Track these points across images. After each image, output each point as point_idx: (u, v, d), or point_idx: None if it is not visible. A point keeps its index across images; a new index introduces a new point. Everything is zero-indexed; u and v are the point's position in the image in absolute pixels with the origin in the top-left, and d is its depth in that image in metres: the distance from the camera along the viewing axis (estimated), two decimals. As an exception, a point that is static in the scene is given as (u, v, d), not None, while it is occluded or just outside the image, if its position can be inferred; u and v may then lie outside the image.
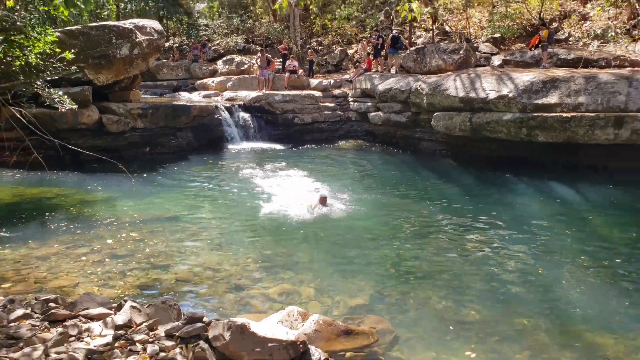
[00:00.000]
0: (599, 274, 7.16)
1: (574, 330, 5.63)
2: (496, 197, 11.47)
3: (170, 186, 11.82)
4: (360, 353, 5.07)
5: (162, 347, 3.82)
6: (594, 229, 9.33)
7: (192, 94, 21.91)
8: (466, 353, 5.18)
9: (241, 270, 7.04)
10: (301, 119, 18.93)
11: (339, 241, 8.19)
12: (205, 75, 24.71)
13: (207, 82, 23.48)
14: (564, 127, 12.04)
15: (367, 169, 14.83)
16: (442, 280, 6.75)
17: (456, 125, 14.35)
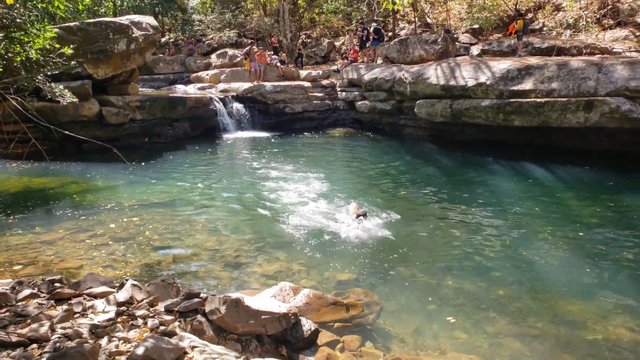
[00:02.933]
0: (569, 247, 7.28)
1: (546, 299, 5.74)
2: (475, 178, 11.56)
3: (168, 174, 11.79)
4: (348, 323, 5.15)
5: (162, 321, 3.86)
6: (566, 206, 9.45)
7: (188, 87, 21.76)
8: (447, 318, 5.29)
9: (237, 250, 7.08)
10: (292, 108, 18.88)
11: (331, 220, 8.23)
12: (199, 69, 24.51)
13: (201, 75, 23.29)
14: (538, 111, 12.12)
15: (355, 154, 14.86)
16: (424, 255, 6.83)
17: (437, 112, 14.39)
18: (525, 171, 11.97)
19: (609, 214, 8.82)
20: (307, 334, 4.51)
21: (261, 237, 7.60)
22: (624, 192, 9.94)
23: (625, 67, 11.23)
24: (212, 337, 3.92)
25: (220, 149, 15.45)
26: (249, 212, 8.84)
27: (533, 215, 8.77)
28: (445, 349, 4.79)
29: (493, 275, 6.33)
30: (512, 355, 4.68)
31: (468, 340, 4.94)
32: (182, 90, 20.71)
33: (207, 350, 3.38)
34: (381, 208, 9.01)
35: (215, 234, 7.72)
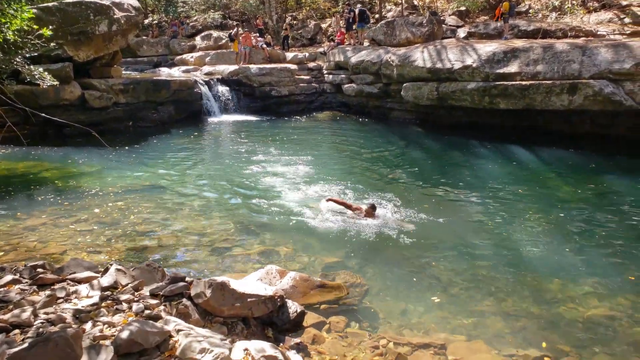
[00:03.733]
0: (552, 228, 7.39)
1: (528, 279, 5.84)
2: (461, 161, 11.64)
3: (153, 158, 11.66)
4: (334, 305, 5.20)
5: (147, 305, 3.85)
6: (549, 188, 9.58)
7: (172, 69, 21.42)
8: (432, 298, 5.36)
9: (223, 234, 7.06)
10: (278, 91, 18.73)
11: (315, 204, 8.24)
12: (184, 51, 24.13)
13: (186, 57, 22.94)
14: (523, 94, 12.18)
15: (342, 138, 14.83)
16: (410, 237, 6.88)
17: (424, 95, 14.39)
18: (510, 154, 12.08)
19: (590, 195, 8.96)
20: (293, 315, 4.54)
21: (247, 221, 7.59)
22: (605, 174, 10.09)
23: (609, 50, 11.31)
24: (197, 321, 3.93)
25: (206, 132, 15.32)
26: (236, 197, 8.80)
27: (517, 197, 8.87)
28: (430, 329, 4.87)
29: (477, 256, 6.41)
30: (495, 334, 4.76)
31: (452, 320, 5.02)
32: (166, 73, 20.40)
33: (193, 334, 3.39)
34: (367, 192, 9.04)
35: (201, 218, 7.69)
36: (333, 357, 4.21)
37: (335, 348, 4.42)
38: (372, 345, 4.50)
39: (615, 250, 6.59)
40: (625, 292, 5.47)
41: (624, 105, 11.00)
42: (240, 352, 3.56)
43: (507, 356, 4.40)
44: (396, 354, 4.35)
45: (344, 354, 4.33)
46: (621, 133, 12.14)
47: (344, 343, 4.57)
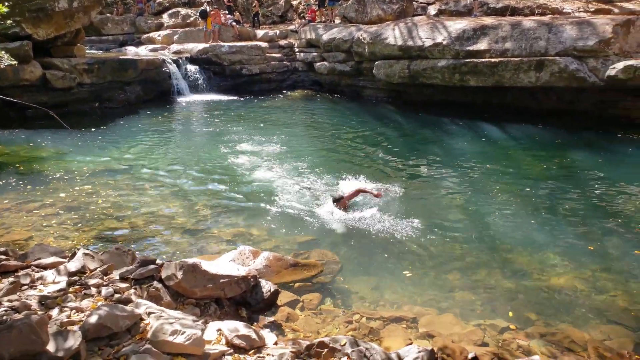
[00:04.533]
0: (519, 202, 7.57)
1: (497, 252, 5.98)
2: (432, 139, 11.74)
3: (122, 139, 11.37)
4: (308, 283, 5.23)
5: (116, 289, 3.78)
6: (517, 163, 9.78)
7: (139, 48, 20.75)
8: (404, 273, 5.45)
9: (196, 216, 6.98)
10: (249, 69, 18.42)
11: (291, 183, 8.21)
12: (151, 29, 23.36)
13: (153, 36, 22.23)
14: (492, 71, 12.31)
15: (315, 117, 14.75)
16: (382, 214, 6.93)
17: (396, 73, 14.39)
18: (480, 130, 12.24)
19: (556, 170, 9.19)
20: (267, 295, 4.55)
21: (219, 203, 7.51)
22: (570, 149, 10.36)
23: (574, 28, 11.48)
24: (169, 303, 3.89)
25: (175, 113, 14.99)
26: (207, 178, 8.68)
27: (486, 173, 9.03)
28: (402, 303, 4.95)
29: (448, 231, 6.52)
30: (464, 306, 4.89)
31: (423, 294, 5.12)
32: (133, 52, 19.75)
33: (164, 316, 3.35)
34: (340, 170, 9.04)
35: (172, 201, 7.57)
36: (307, 334, 4.24)
37: (309, 325, 4.45)
38: (345, 321, 4.56)
39: (578, 222, 6.81)
40: (587, 261, 5.67)
41: (588, 82, 11.25)
42: (214, 333, 3.55)
43: (475, 326, 4.52)
44: (369, 329, 4.42)
45: (318, 330, 4.38)
46: (586, 109, 12.43)
47: (318, 320, 4.61)
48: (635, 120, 11.65)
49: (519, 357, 3.94)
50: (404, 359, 3.47)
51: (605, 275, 5.39)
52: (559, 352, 4.20)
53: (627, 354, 4.14)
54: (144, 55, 18.13)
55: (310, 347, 3.39)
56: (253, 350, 3.41)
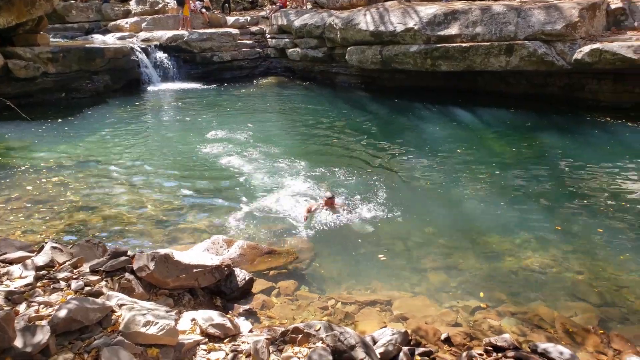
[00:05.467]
0: (490, 185, 7.72)
1: (468, 235, 6.11)
2: (405, 124, 11.83)
3: (90, 130, 11.09)
4: (283, 270, 5.25)
5: (87, 282, 3.72)
6: (488, 147, 9.95)
7: (106, 36, 20.15)
8: (378, 256, 5.51)
9: (168, 207, 6.89)
10: (220, 57, 18.13)
11: (265, 172, 8.17)
12: (118, 17, 22.71)
13: (120, 23, 21.63)
14: (463, 56, 12.43)
15: (288, 104, 14.67)
16: (355, 200, 6.98)
17: (368, 59, 14.39)
18: (453, 115, 12.38)
19: (525, 152, 9.39)
20: (241, 283, 4.55)
21: (192, 194, 7.43)
22: (539, 132, 10.57)
23: (542, 12, 11.66)
24: (142, 294, 3.85)
25: (145, 102, 14.69)
26: (179, 169, 8.57)
27: (457, 157, 9.16)
28: (376, 287, 5.02)
29: (421, 216, 6.61)
30: (437, 288, 4.99)
31: (397, 277, 5.20)
32: (100, 40, 19.19)
33: (136, 307, 3.32)
34: (314, 157, 9.05)
35: (143, 192, 7.45)
36: (282, 321, 4.27)
37: (284, 312, 4.48)
38: (321, 307, 4.60)
39: (547, 204, 6.99)
40: (555, 241, 5.84)
41: (556, 65, 11.47)
42: (188, 323, 3.54)
43: (448, 308, 4.62)
44: (344, 313, 4.47)
45: (294, 316, 4.41)
46: (554, 92, 12.70)
47: (294, 306, 4.64)
48: (601, 103, 11.96)
49: (490, 336, 4.04)
50: (378, 341, 3.53)
51: (572, 255, 5.56)
52: (529, 330, 4.33)
53: (592, 328, 4.30)
54: (111, 44, 17.65)
55: (285, 333, 3.41)
56: (228, 339, 3.42)
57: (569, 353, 3.54)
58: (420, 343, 3.87)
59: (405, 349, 3.47)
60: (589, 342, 4.14)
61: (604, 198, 7.02)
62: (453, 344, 3.97)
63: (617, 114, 11.26)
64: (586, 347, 4.08)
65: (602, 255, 5.54)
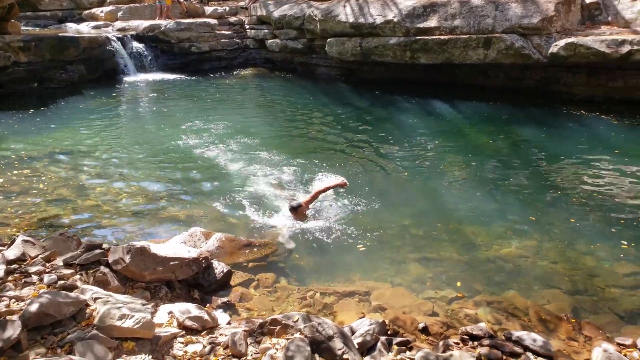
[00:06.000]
0: (468, 176, 7.81)
1: (447, 226, 6.17)
2: (384, 116, 11.86)
3: (64, 121, 10.84)
4: (262, 262, 5.23)
5: (60, 276, 3.65)
6: (466, 139, 10.05)
7: (80, 25, 19.72)
8: (357, 248, 5.53)
9: (145, 200, 6.80)
10: (198, 47, 17.89)
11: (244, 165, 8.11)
12: (92, 5, 22.22)
13: (95, 12, 21.17)
14: (442, 48, 12.50)
15: (267, 96, 14.58)
16: (335, 192, 6.99)
17: (348, 51, 14.37)
18: (432, 108, 12.46)
19: (503, 145, 9.52)
20: (219, 276, 4.53)
21: (169, 186, 7.33)
22: (516, 125, 10.73)
23: (519, 5, 11.78)
24: (117, 287, 3.80)
25: (121, 93, 14.42)
26: (156, 161, 8.44)
27: (436, 149, 9.25)
28: (355, 278, 5.04)
29: (400, 207, 6.66)
30: (415, 278, 5.03)
31: (376, 268, 5.23)
32: (74, 30, 18.77)
33: (111, 300, 3.27)
34: (293, 149, 9.02)
35: (119, 184, 7.33)
36: (261, 313, 4.26)
37: (263, 303, 4.47)
38: (300, 298, 4.60)
39: (522, 195, 7.11)
40: (530, 232, 5.95)
41: (532, 59, 11.63)
42: (165, 316, 3.51)
43: (426, 299, 4.67)
44: (323, 304, 4.49)
45: (272, 308, 4.40)
46: (531, 85, 12.88)
47: (273, 298, 4.63)
48: (576, 96, 12.18)
49: (467, 325, 4.10)
50: (356, 331, 3.55)
51: (546, 244, 5.67)
52: (504, 319, 4.41)
53: (565, 316, 4.41)
54: (86, 33, 17.28)
55: (263, 324, 3.40)
56: (206, 331, 3.40)
57: (542, 340, 3.62)
58: (398, 333, 3.91)
59: (383, 339, 3.51)
60: (562, 329, 4.23)
61: (577, 189, 7.17)
62: (430, 333, 4.02)
63: (591, 108, 11.49)
64: (558, 334, 4.18)
65: (575, 244, 5.66)
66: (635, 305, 4.58)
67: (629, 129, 10.08)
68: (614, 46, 10.50)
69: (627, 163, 8.17)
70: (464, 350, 3.53)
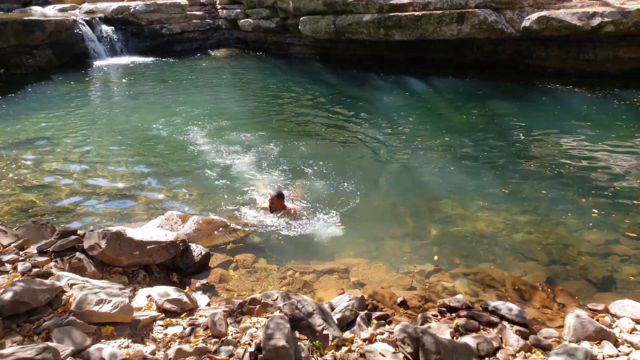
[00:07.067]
0: (442, 152, 7.88)
1: (422, 201, 6.25)
2: (360, 94, 11.83)
3: (34, 108, 10.53)
4: (240, 244, 5.22)
5: (34, 264, 3.59)
6: (441, 115, 10.11)
7: (46, 8, 19.02)
8: (335, 225, 5.57)
9: (120, 185, 6.68)
10: (169, 29, 17.49)
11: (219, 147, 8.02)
12: (57, -13, 21.43)
13: (60, -7, 20.44)
14: (416, 25, 12.46)
15: (241, 76, 14.38)
16: (318, 169, 7.00)
17: (322, 29, 14.22)
18: (407, 85, 12.48)
19: (476, 119, 9.61)
20: (198, 258, 4.50)
21: (144, 170, 7.24)
22: (490, 100, 10.82)
23: (492, -21, 11.79)
24: (94, 273, 3.75)
25: (92, 77, 14.05)
26: (129, 145, 8.29)
27: (412, 126, 9.29)
28: (335, 256, 5.08)
29: (376, 184, 6.71)
30: (394, 254, 5.10)
31: (355, 246, 5.27)
32: (39, 13, 18.09)
33: (88, 286, 3.23)
34: (269, 130, 8.96)
35: (93, 170, 7.18)
36: (241, 293, 4.27)
37: (243, 284, 4.47)
38: (279, 277, 4.62)
39: (497, 169, 7.22)
40: (505, 205, 6.05)
41: (506, 33, 11.70)
42: (143, 299, 3.49)
43: (404, 273, 4.74)
44: (302, 282, 4.51)
45: (252, 288, 4.41)
46: (505, 60, 12.98)
47: (253, 278, 4.64)
48: (548, 69, 12.34)
49: (445, 297, 4.18)
50: (335, 308, 3.58)
51: (520, 216, 5.79)
52: (481, 290, 4.50)
53: (539, 285, 4.53)
54: (52, 16, 16.66)
55: (242, 304, 3.41)
56: (185, 313, 3.40)
57: (518, 309, 3.71)
58: (377, 307, 3.96)
59: (362, 314, 3.55)
60: (536, 298, 4.35)
61: (550, 162, 7.30)
62: (409, 307, 4.09)
63: (564, 81, 11.65)
64: (533, 302, 4.29)
65: (548, 216, 5.79)
66: (606, 272, 4.73)
67: (601, 102, 10.28)
68: (585, 19, 10.63)
69: (598, 135, 8.35)
70: (442, 322, 3.61)
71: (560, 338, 3.47)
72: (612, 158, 7.35)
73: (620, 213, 5.71)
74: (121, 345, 2.87)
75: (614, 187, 6.39)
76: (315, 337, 3.06)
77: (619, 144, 7.91)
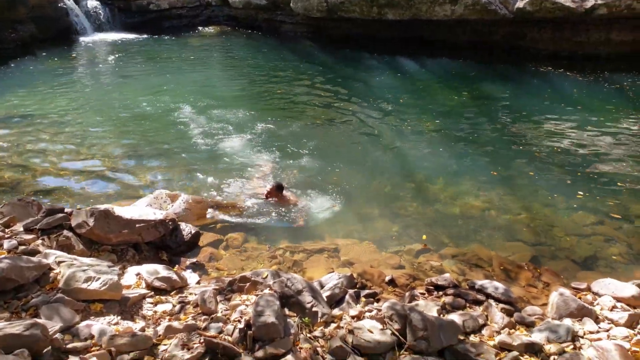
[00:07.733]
0: (433, 133, 7.91)
1: (412, 182, 6.29)
2: (352, 74, 11.77)
3: (17, 84, 10.34)
4: (229, 223, 5.22)
5: (20, 241, 3.58)
6: (433, 96, 10.11)
7: (28, -19, 18.55)
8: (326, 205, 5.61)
9: (107, 163, 6.63)
10: (157, 5, 17.17)
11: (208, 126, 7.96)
12: (40, -42, 20.86)
13: (44, -34, 19.90)
14: (409, 4, 12.36)
15: (231, 54, 14.21)
16: (310, 150, 6.99)
17: (314, 6, 14.05)
18: (399, 66, 12.43)
19: (468, 101, 9.63)
20: (187, 237, 4.51)
21: (132, 148, 7.17)
22: (482, 81, 10.84)
23: (487, -42, 11.68)
24: (82, 251, 3.75)
25: (77, 53, 13.80)
26: (117, 123, 8.20)
27: (404, 106, 9.29)
28: (325, 236, 5.12)
29: (366, 164, 6.73)
30: (383, 234, 5.15)
31: (346, 226, 5.31)
32: (21, -14, 17.64)
33: (76, 264, 3.24)
34: (259, 109, 8.90)
35: (79, 148, 7.11)
36: (231, 272, 4.29)
37: (233, 263, 4.50)
38: (270, 256, 4.65)
39: (487, 151, 7.27)
40: (493, 186, 6.12)
41: (499, 14, 11.66)
42: (132, 277, 3.50)
43: (393, 252, 4.79)
44: (293, 261, 4.56)
45: (242, 267, 4.44)
46: (498, 41, 12.95)
47: (243, 257, 4.66)
48: (541, 51, 12.35)
49: (432, 276, 4.25)
50: (325, 286, 3.63)
51: (508, 198, 5.86)
52: (468, 269, 4.58)
53: (525, 265, 4.62)
54: (35, -11, 16.26)
55: (232, 282, 3.44)
56: (175, 291, 3.42)
57: (503, 288, 3.79)
58: (366, 285, 4.02)
59: (351, 291, 3.61)
60: (522, 277, 4.44)
61: (539, 144, 7.37)
62: (397, 285, 4.16)
63: (557, 64, 11.69)
64: (519, 281, 4.38)
65: (535, 197, 5.87)
66: (589, 252, 4.83)
67: (591, 85, 10.34)
68: (578, 1, 10.61)
69: (587, 118, 8.42)
70: (429, 300, 3.68)
71: (544, 315, 3.56)
72: (599, 141, 7.44)
73: (605, 195, 5.81)
74: (110, 322, 2.89)
75: (600, 170, 6.48)
76: (304, 314, 3.10)
77: (607, 128, 8.00)
